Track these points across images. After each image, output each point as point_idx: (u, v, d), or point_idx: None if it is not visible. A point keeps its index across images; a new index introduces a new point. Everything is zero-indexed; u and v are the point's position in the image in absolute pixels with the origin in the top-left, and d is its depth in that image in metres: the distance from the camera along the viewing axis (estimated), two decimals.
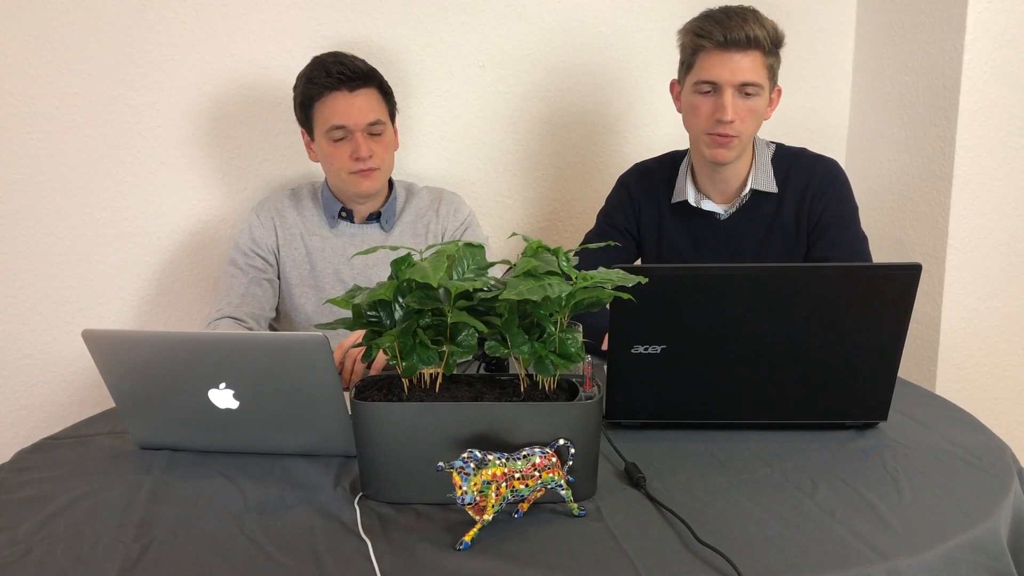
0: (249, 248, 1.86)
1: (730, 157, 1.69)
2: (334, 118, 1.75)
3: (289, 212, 1.89)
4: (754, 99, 1.64)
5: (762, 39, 1.60)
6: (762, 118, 1.70)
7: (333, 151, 1.78)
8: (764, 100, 1.66)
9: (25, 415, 2.08)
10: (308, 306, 1.87)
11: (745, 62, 1.61)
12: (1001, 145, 2.06)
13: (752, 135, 1.70)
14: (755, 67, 1.62)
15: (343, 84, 1.75)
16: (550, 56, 2.23)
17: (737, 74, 1.62)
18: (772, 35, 1.63)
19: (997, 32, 2.01)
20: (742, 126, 1.65)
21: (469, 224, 1.94)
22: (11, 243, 2.00)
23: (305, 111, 1.80)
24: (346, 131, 1.76)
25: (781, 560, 0.98)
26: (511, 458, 1.03)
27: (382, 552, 1.00)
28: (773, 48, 1.64)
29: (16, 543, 1.04)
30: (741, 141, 1.67)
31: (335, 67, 1.75)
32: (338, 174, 1.80)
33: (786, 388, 1.31)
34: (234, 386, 1.22)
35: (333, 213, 1.88)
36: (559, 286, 1.04)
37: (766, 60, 1.63)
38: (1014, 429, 2.22)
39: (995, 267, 2.13)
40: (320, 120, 1.78)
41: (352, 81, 1.75)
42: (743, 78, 1.62)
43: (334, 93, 1.75)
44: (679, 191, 1.80)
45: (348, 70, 1.75)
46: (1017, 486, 1.17)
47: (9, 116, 1.94)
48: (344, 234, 1.89)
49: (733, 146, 1.67)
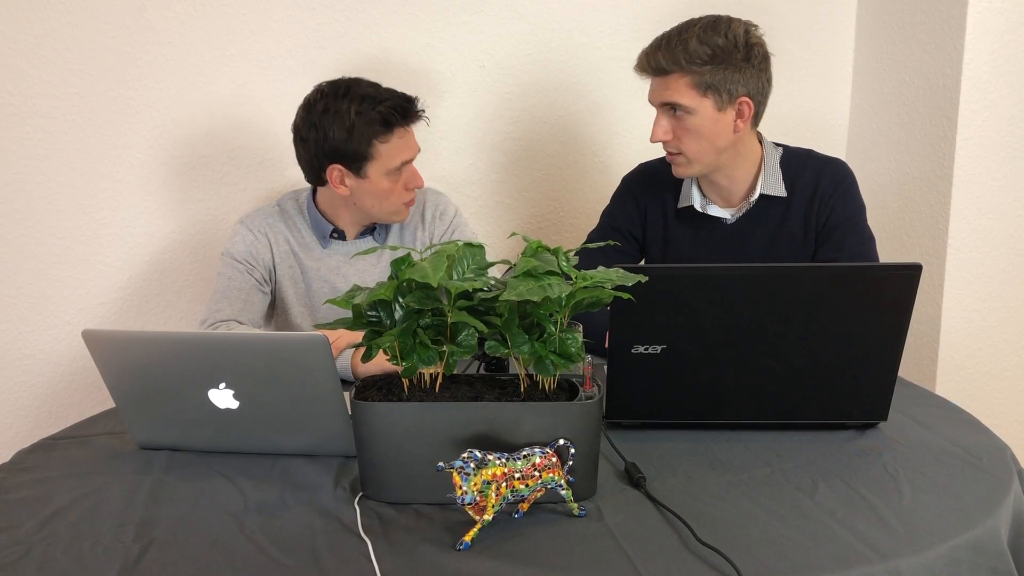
0: (245, 259, 1.78)
1: (683, 173, 1.70)
2: (403, 155, 1.70)
3: (280, 229, 1.82)
4: (689, 118, 1.62)
5: (682, 62, 1.57)
6: (713, 135, 1.64)
7: (392, 184, 1.72)
8: (702, 118, 1.61)
9: (25, 415, 2.08)
10: (305, 326, 1.84)
11: (664, 84, 1.62)
12: (1001, 145, 2.06)
13: (706, 152, 1.65)
14: (675, 88, 1.60)
15: (404, 119, 1.70)
16: (550, 56, 2.23)
17: (658, 96, 1.64)
18: (714, 52, 1.57)
19: (997, 32, 2.01)
20: (681, 144, 1.65)
21: (456, 226, 1.89)
22: (11, 243, 2.00)
23: (360, 148, 1.67)
24: (406, 163, 1.73)
25: (781, 560, 0.98)
26: (511, 458, 1.03)
27: (382, 552, 1.00)
28: (709, 64, 1.58)
29: (16, 543, 1.04)
30: (687, 158, 1.66)
31: (406, 103, 1.69)
32: (394, 206, 1.75)
33: (786, 388, 1.31)
34: (234, 386, 1.22)
35: (324, 233, 1.81)
36: (559, 286, 1.04)
37: (696, 79, 1.59)
38: (1014, 429, 2.22)
39: (995, 267, 2.12)
40: (384, 158, 1.69)
41: (409, 115, 1.70)
42: (662, 99, 1.63)
43: (398, 130, 1.69)
44: (685, 196, 1.78)
45: (404, 106, 1.69)
46: (1017, 486, 1.17)
47: (9, 116, 1.94)
48: (338, 252, 1.83)
49: (678, 163, 1.68)
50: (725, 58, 1.59)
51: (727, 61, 1.59)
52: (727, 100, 1.62)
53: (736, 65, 1.60)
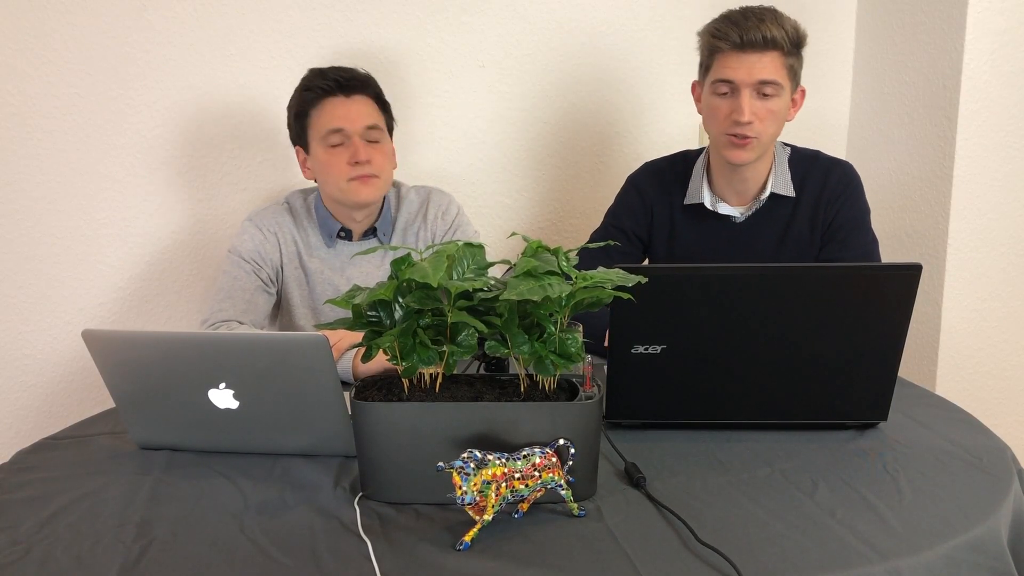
0: (252, 258, 1.78)
1: (748, 158, 1.67)
2: (332, 122, 1.71)
3: (289, 228, 1.82)
4: (773, 99, 1.62)
5: (780, 39, 1.59)
6: (783, 119, 1.67)
7: (330, 158, 1.72)
8: (784, 101, 1.64)
9: (25, 415, 2.08)
10: (307, 327, 1.83)
11: (763, 62, 1.59)
12: (1001, 145, 2.06)
13: (773, 137, 1.68)
14: (773, 66, 1.60)
15: (340, 89, 1.72)
16: (550, 56, 2.23)
17: (754, 73, 1.60)
18: (792, 35, 1.61)
19: (997, 32, 2.01)
20: (761, 127, 1.63)
21: (458, 225, 1.89)
22: (11, 243, 2.00)
23: (300, 121, 1.75)
24: (343, 135, 1.71)
25: (781, 560, 0.98)
26: (511, 458, 1.03)
27: (382, 552, 1.00)
28: (793, 48, 1.62)
29: (16, 543, 1.04)
30: (760, 142, 1.64)
31: (331, 72, 1.74)
32: (337, 183, 1.73)
33: (786, 388, 1.31)
34: (234, 386, 1.22)
35: (331, 232, 1.81)
36: (559, 286, 1.04)
37: (785, 60, 1.61)
38: (1014, 429, 2.22)
39: (995, 267, 2.12)
40: (316, 127, 1.73)
41: (349, 86, 1.73)
42: (760, 76, 1.60)
43: (331, 98, 1.72)
44: (693, 193, 1.78)
45: (343, 76, 1.73)
46: (1017, 486, 1.17)
47: (9, 116, 1.94)
48: (343, 253, 1.83)
49: (751, 147, 1.65)
50: (800, 44, 1.64)
51: (800, 47, 1.64)
52: (794, 87, 1.67)
53: (801, 54, 1.65)
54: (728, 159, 1.68)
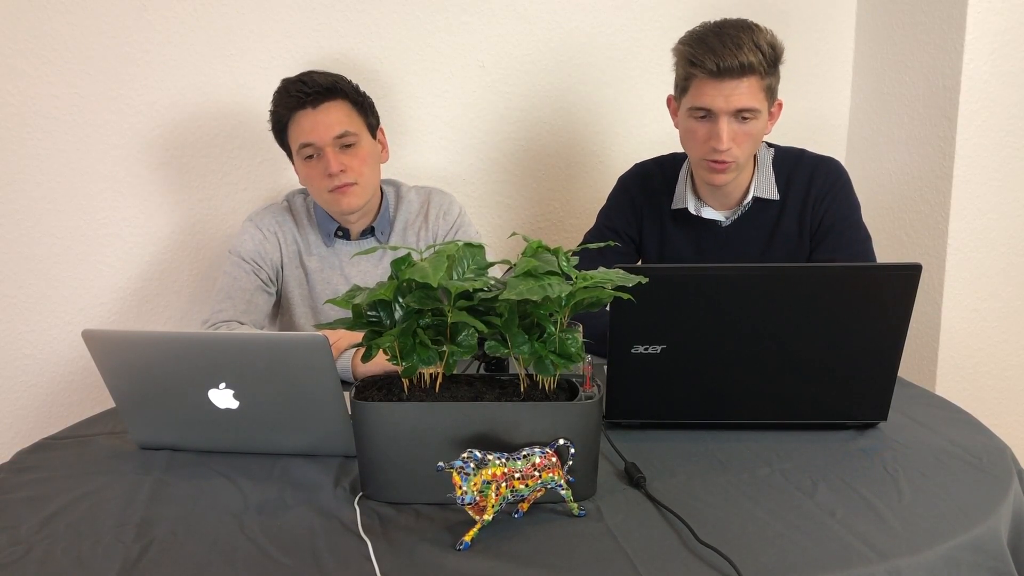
0: (252, 258, 1.79)
1: (727, 180, 1.67)
2: (301, 137, 1.72)
3: (289, 228, 1.83)
4: (751, 123, 1.60)
5: (757, 64, 1.55)
6: (761, 136, 1.66)
7: (309, 171, 1.74)
8: (762, 121, 1.62)
9: (25, 415, 2.08)
10: (307, 327, 1.84)
11: (740, 89, 1.56)
12: (1001, 145, 2.06)
13: (751, 155, 1.67)
14: (751, 92, 1.57)
15: (306, 102, 1.70)
16: (550, 56, 2.23)
17: (732, 102, 1.56)
18: (769, 55, 1.57)
19: (997, 32, 2.01)
20: (739, 151, 1.62)
21: (460, 225, 1.89)
22: (11, 243, 2.00)
23: (280, 136, 1.78)
24: (315, 148, 1.71)
25: (781, 560, 0.98)
26: (511, 458, 1.03)
27: (382, 552, 1.00)
28: (771, 68, 1.59)
29: (16, 543, 1.04)
30: (738, 164, 1.64)
31: (295, 86, 1.72)
32: (319, 195, 1.76)
33: (786, 388, 1.31)
34: (234, 386, 1.22)
35: (329, 232, 1.82)
36: (559, 286, 1.04)
37: (763, 83, 1.58)
38: (1014, 429, 2.22)
39: (995, 267, 2.13)
40: (292, 141, 1.75)
41: (313, 97, 1.71)
42: (737, 105, 1.57)
43: (298, 113, 1.72)
44: (679, 198, 1.78)
45: (307, 87, 1.71)
46: (1017, 486, 1.17)
47: (9, 116, 1.94)
48: (342, 252, 1.83)
49: (730, 170, 1.65)
50: (777, 61, 1.60)
51: (778, 63, 1.61)
52: (771, 102, 1.64)
53: (779, 69, 1.62)
54: (707, 182, 1.69)
